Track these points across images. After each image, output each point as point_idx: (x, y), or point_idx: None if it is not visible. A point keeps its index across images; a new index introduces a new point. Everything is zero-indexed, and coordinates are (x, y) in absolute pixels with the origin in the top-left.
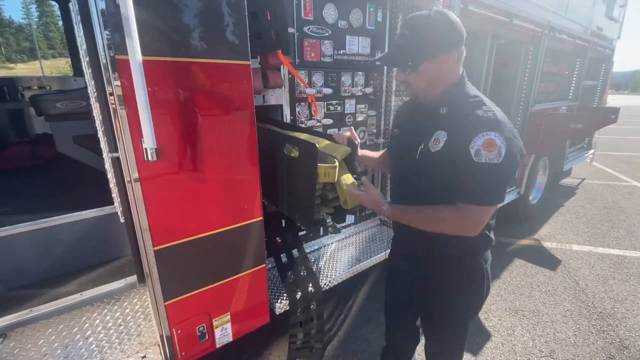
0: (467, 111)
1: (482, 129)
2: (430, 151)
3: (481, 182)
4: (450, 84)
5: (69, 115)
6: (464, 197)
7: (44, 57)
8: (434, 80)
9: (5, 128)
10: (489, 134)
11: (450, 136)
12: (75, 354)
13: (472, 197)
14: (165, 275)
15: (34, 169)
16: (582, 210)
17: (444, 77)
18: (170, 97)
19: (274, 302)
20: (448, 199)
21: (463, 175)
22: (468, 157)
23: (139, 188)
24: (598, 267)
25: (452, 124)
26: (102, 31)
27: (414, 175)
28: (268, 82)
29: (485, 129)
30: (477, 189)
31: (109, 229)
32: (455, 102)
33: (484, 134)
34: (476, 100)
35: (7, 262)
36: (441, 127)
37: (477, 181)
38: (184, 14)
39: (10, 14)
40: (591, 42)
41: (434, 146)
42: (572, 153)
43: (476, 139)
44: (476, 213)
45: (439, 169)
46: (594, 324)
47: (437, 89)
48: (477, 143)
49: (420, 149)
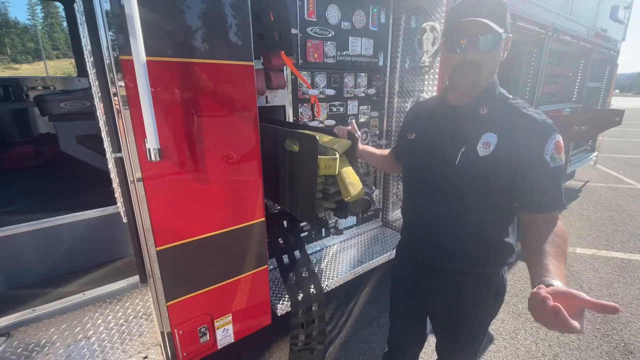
0: (515, 112)
1: (549, 133)
2: (479, 155)
3: (558, 186)
4: (493, 82)
5: (72, 115)
6: (548, 205)
7: (49, 57)
8: (496, 67)
9: (10, 128)
10: (555, 136)
11: (503, 139)
12: (78, 354)
13: (557, 204)
14: (167, 275)
15: (37, 169)
16: (585, 213)
17: (497, 68)
18: (174, 97)
19: (276, 303)
20: (496, 204)
21: (540, 182)
22: (545, 163)
23: (142, 188)
24: (602, 270)
25: (500, 126)
26: (107, 32)
27: (453, 181)
28: (271, 83)
29: (551, 132)
30: (558, 195)
31: (112, 229)
32: (494, 102)
33: (552, 138)
34: (518, 101)
35: (10, 261)
36: (488, 129)
37: (556, 186)
38: (188, 15)
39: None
40: (595, 43)
41: (484, 150)
42: (576, 155)
43: (548, 144)
44: (559, 219)
45: (491, 173)
46: (598, 327)
47: (487, 81)
48: (550, 148)
49: (462, 153)
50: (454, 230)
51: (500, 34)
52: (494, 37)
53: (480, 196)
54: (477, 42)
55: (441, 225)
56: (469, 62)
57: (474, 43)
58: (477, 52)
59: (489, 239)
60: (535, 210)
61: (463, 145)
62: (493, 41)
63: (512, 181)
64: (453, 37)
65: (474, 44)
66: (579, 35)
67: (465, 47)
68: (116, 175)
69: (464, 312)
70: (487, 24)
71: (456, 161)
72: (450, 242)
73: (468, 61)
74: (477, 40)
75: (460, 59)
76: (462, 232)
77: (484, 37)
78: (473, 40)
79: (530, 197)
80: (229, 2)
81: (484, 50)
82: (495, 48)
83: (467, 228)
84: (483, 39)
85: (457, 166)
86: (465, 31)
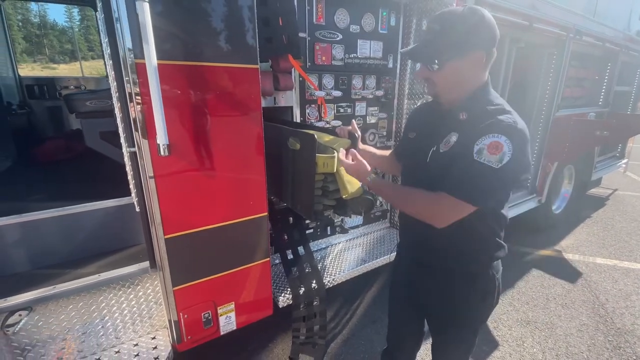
0: (485, 116)
1: (495, 131)
2: (440, 152)
3: (472, 179)
4: (475, 89)
5: (97, 113)
6: (447, 186)
7: (84, 58)
8: (459, 81)
9: (44, 124)
10: (500, 137)
11: (461, 137)
12: (93, 330)
13: (456, 189)
14: (175, 262)
15: (65, 162)
16: (610, 222)
17: (469, 79)
18: (183, 97)
19: (278, 295)
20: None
21: (456, 168)
22: (469, 152)
23: (153, 180)
24: (622, 282)
25: (468, 127)
26: (123, 38)
27: (424, 179)
28: (279, 85)
29: (498, 132)
30: (466, 184)
31: (127, 218)
32: (476, 108)
33: (494, 136)
34: (497, 108)
35: (35, 243)
36: (456, 130)
37: (469, 177)
38: (197, 22)
39: (55, 18)
40: (623, 46)
41: (444, 147)
42: (602, 162)
43: (484, 138)
44: (452, 205)
45: (445, 170)
46: (611, 340)
47: (460, 92)
48: (484, 142)
49: (432, 152)
50: (435, 227)
51: (433, 62)
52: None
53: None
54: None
55: (424, 223)
56: (422, 79)
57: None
58: (426, 71)
59: (474, 234)
60: (441, 187)
61: (435, 144)
62: (435, 63)
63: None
64: None
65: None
66: (604, 37)
67: (419, 66)
68: (130, 168)
69: (452, 311)
70: (417, 54)
71: (427, 159)
72: (435, 239)
73: (421, 78)
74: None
75: (418, 75)
76: (442, 229)
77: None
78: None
79: (446, 177)
80: (235, 10)
81: (431, 70)
82: (443, 68)
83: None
84: (420, 66)
85: (427, 164)
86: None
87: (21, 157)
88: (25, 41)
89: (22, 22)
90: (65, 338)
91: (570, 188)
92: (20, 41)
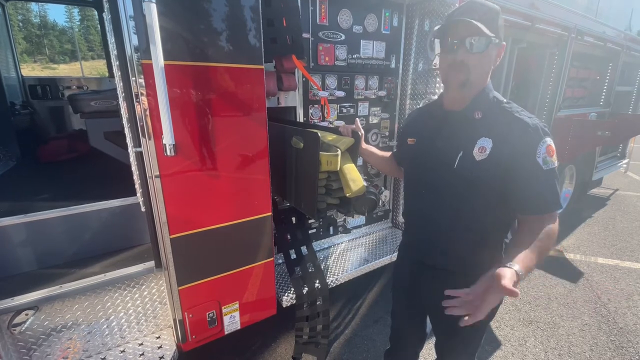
0: (508, 116)
1: (541, 136)
2: (475, 160)
3: (552, 188)
4: (485, 86)
5: (101, 113)
6: (544, 207)
7: (84, 58)
8: (487, 71)
9: (47, 124)
10: (546, 139)
11: (498, 144)
12: (98, 330)
13: (552, 205)
14: (180, 262)
15: (70, 161)
16: (611, 222)
17: (489, 72)
18: (189, 98)
19: (282, 295)
20: (494, 207)
21: (534, 185)
22: (537, 166)
23: (158, 180)
24: (623, 281)
25: (495, 130)
26: (130, 38)
27: (451, 185)
28: (282, 85)
29: (543, 136)
30: (553, 196)
31: (132, 218)
32: (488, 106)
33: (543, 141)
34: (510, 104)
35: (42, 243)
36: (483, 133)
37: (550, 188)
38: (203, 23)
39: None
40: (625, 46)
41: (480, 154)
42: (603, 162)
43: (540, 148)
44: (555, 218)
45: (486, 176)
46: (613, 339)
47: (481, 84)
48: (541, 151)
49: (460, 157)
50: (453, 231)
51: (490, 37)
52: (483, 39)
53: (478, 199)
54: (467, 44)
55: (440, 227)
56: (458, 62)
57: (464, 44)
58: (467, 53)
59: (487, 241)
60: (529, 212)
61: (461, 150)
62: (482, 44)
63: (506, 184)
64: (446, 38)
65: (464, 45)
66: (605, 37)
67: (456, 47)
68: (136, 168)
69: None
70: (477, 26)
71: (454, 165)
72: (448, 243)
73: (458, 61)
74: (467, 42)
75: (452, 59)
76: (460, 234)
77: (473, 39)
78: (463, 41)
79: (524, 199)
80: (240, 12)
81: (473, 52)
82: (485, 51)
83: (465, 230)
84: (472, 41)
85: (455, 170)
86: (457, 33)
87: (25, 157)
88: (25, 41)
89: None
90: (70, 337)
91: (572, 188)
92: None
